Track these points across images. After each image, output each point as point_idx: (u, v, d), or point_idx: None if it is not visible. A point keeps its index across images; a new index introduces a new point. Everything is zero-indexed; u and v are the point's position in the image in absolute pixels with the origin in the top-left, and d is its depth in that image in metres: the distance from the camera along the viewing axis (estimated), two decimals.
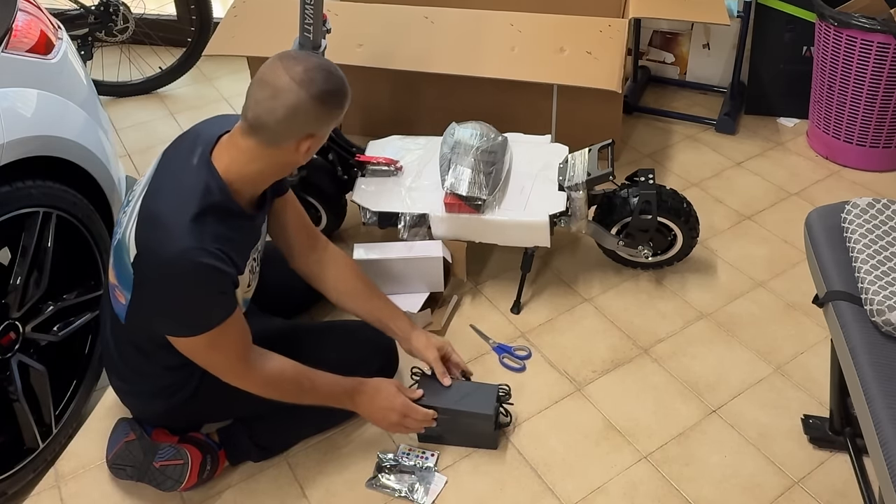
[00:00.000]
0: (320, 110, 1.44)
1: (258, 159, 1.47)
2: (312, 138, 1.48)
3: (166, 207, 1.43)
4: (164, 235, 1.40)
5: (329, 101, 1.45)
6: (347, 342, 1.87)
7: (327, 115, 1.47)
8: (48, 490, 1.81)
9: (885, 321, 1.32)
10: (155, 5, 3.61)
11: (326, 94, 1.43)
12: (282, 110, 1.41)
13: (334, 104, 1.46)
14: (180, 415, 1.73)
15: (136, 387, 1.72)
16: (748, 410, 1.90)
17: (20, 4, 1.85)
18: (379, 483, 1.76)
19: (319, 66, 1.44)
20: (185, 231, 1.38)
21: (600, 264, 2.36)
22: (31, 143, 1.72)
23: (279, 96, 1.41)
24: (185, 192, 1.43)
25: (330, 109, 1.46)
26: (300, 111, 1.42)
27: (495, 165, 2.12)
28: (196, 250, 1.38)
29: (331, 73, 1.45)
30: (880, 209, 1.53)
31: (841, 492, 1.70)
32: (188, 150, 1.50)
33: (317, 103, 1.42)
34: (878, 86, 2.55)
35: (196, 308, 1.46)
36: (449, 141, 2.17)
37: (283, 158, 1.49)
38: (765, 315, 2.17)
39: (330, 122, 1.49)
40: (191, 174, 1.46)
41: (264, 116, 1.42)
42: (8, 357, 1.76)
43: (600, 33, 2.46)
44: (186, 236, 1.38)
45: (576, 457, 1.81)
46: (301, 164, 1.55)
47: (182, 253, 1.38)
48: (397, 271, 2.13)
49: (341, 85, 1.47)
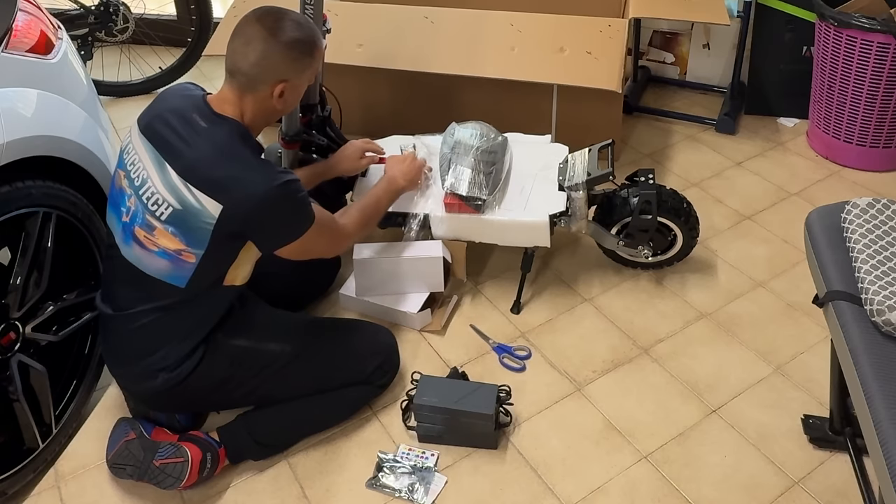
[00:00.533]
0: (288, 56, 1.60)
1: (243, 105, 1.63)
2: (286, 83, 1.62)
3: (227, 165, 1.57)
4: (245, 183, 1.55)
5: (297, 47, 1.61)
6: (348, 340, 1.88)
7: (297, 62, 1.63)
8: (48, 490, 1.81)
9: (885, 321, 1.32)
10: (155, 5, 3.61)
11: (294, 41, 1.60)
12: (253, 55, 1.58)
13: (302, 51, 1.62)
14: (176, 395, 1.72)
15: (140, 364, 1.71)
16: (748, 410, 1.90)
17: (20, 4, 1.85)
18: (379, 483, 1.76)
19: (289, 17, 1.62)
20: (257, 169, 1.58)
21: (600, 264, 2.36)
22: (32, 143, 1.72)
23: (251, 43, 1.58)
24: (226, 146, 1.58)
25: (298, 56, 1.62)
26: (269, 56, 1.59)
27: (495, 165, 2.12)
28: (277, 175, 1.59)
29: (300, 24, 1.63)
30: (880, 209, 1.53)
31: (841, 492, 1.70)
32: (185, 121, 1.61)
33: (285, 49, 1.59)
34: (878, 86, 2.55)
35: (301, 212, 1.65)
36: (449, 141, 2.17)
37: (263, 104, 1.64)
38: (765, 315, 2.17)
39: (301, 70, 1.65)
40: (216, 133, 1.59)
41: (239, 62, 1.59)
42: (8, 357, 1.76)
43: (600, 33, 2.46)
44: (261, 172, 1.58)
45: (576, 457, 1.81)
46: (280, 110, 1.69)
47: (270, 183, 1.56)
48: (397, 271, 2.13)
49: (310, 34, 1.64)
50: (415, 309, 2.12)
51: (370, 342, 1.90)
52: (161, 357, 1.68)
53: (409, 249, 2.13)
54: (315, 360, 1.81)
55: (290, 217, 1.65)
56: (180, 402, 1.79)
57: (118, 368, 1.78)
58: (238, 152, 1.59)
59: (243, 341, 1.76)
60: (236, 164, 1.57)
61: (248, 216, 1.58)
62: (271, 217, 1.61)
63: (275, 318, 1.87)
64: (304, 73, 1.67)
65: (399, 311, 2.14)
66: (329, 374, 1.83)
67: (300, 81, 1.67)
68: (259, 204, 1.57)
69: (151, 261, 1.64)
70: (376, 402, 1.95)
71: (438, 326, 2.15)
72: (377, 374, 1.89)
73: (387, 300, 2.16)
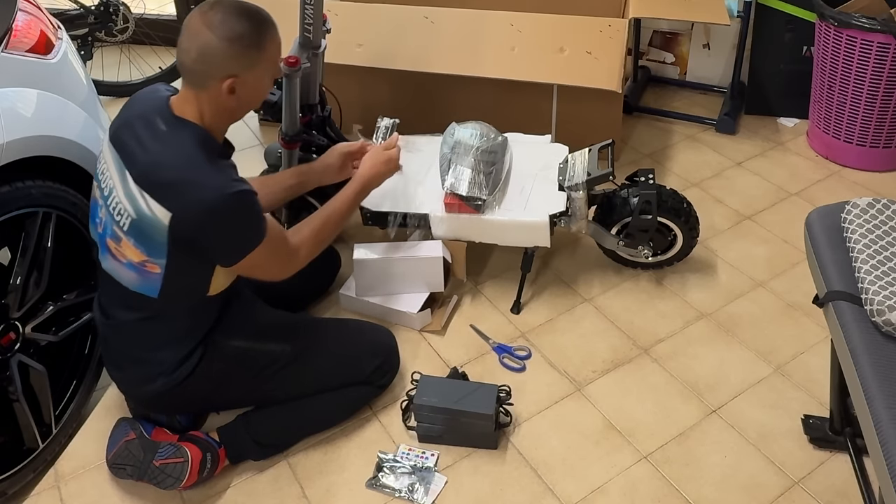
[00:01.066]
0: (230, 50, 1.50)
1: (200, 105, 1.56)
2: (234, 79, 1.52)
3: (178, 169, 1.51)
4: (195, 188, 1.49)
5: (238, 41, 1.50)
6: (348, 340, 1.88)
7: (242, 57, 1.52)
8: (48, 490, 1.81)
9: (885, 321, 1.32)
10: (155, 5, 3.62)
11: (235, 35, 1.50)
12: (195, 52, 1.51)
13: (245, 44, 1.51)
14: (176, 398, 1.73)
15: (138, 368, 1.71)
16: (748, 410, 1.90)
17: (20, 4, 1.85)
18: (379, 483, 1.76)
19: (232, 10, 1.52)
20: (210, 175, 1.51)
21: (600, 264, 2.36)
22: (32, 143, 1.72)
23: (193, 39, 1.51)
24: (183, 150, 1.52)
25: (242, 50, 1.51)
26: (211, 52, 1.50)
27: (495, 165, 2.12)
28: (229, 184, 1.52)
29: (242, 17, 1.52)
30: (880, 209, 1.53)
31: (841, 492, 1.70)
32: (146, 125, 1.56)
33: (225, 43, 1.49)
34: (878, 86, 2.55)
35: (252, 226, 1.58)
36: (449, 141, 2.17)
37: (217, 103, 1.55)
38: (765, 315, 2.17)
39: (250, 65, 1.54)
40: (173, 136, 1.54)
41: (183, 59, 1.53)
42: (8, 357, 1.76)
43: (600, 33, 2.46)
44: (215, 178, 1.51)
45: (576, 457, 1.81)
46: (236, 108, 1.60)
47: (221, 191, 1.49)
48: (397, 271, 2.13)
49: (254, 26, 1.53)
50: (415, 309, 2.12)
51: (370, 342, 1.90)
52: (157, 362, 1.68)
53: (409, 249, 2.13)
54: (315, 360, 1.81)
55: (239, 230, 1.57)
56: (180, 404, 1.79)
57: (116, 373, 1.79)
58: (192, 156, 1.52)
59: (242, 342, 1.75)
60: (188, 169, 1.51)
61: (197, 224, 1.51)
62: (220, 227, 1.53)
63: (274, 319, 1.87)
64: (256, 68, 1.56)
65: (399, 311, 2.14)
66: (329, 375, 1.83)
67: (252, 77, 1.56)
68: (208, 211, 1.50)
69: (123, 272, 1.62)
70: (376, 402, 1.95)
71: (438, 326, 2.15)
72: (377, 375, 1.89)
73: (387, 300, 2.16)
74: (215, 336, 1.72)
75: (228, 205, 1.51)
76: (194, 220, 1.50)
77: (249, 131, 3.08)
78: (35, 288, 1.80)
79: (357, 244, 2.16)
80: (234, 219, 1.55)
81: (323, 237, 1.80)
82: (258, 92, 1.63)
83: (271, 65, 1.60)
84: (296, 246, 1.72)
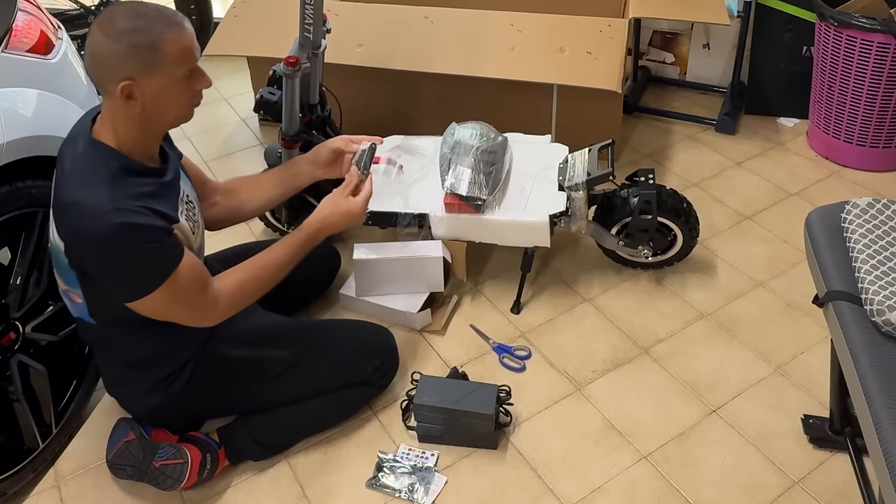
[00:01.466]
0: (119, 51, 1.38)
1: (113, 119, 1.47)
2: (130, 83, 1.40)
3: (74, 192, 1.42)
4: (82, 214, 1.39)
5: (126, 40, 1.38)
6: (347, 340, 1.88)
7: (133, 58, 1.39)
8: (48, 490, 1.81)
9: (885, 321, 1.32)
10: None
11: (122, 35, 1.38)
12: (88, 55, 1.41)
13: (134, 44, 1.39)
14: (177, 410, 1.73)
15: (130, 386, 1.72)
16: (748, 410, 1.90)
17: (20, 4, 1.86)
18: (379, 483, 1.76)
19: (127, 10, 1.41)
20: (99, 202, 1.38)
21: (600, 264, 2.36)
22: (32, 143, 1.72)
23: (87, 45, 1.42)
24: (85, 173, 1.44)
25: (131, 50, 1.39)
26: (101, 53, 1.40)
27: (495, 165, 2.12)
28: (116, 212, 1.38)
29: (133, 16, 1.40)
30: (880, 209, 1.53)
31: (841, 492, 1.70)
32: (73, 145, 1.50)
33: (114, 44, 1.38)
34: (878, 86, 2.55)
35: (140, 265, 1.44)
36: (449, 141, 2.17)
37: (121, 111, 1.44)
38: (765, 315, 2.17)
39: (146, 66, 1.40)
40: (84, 157, 1.46)
41: (84, 63, 1.45)
42: (8, 357, 1.76)
43: (600, 33, 2.46)
44: (103, 206, 1.38)
45: (576, 457, 1.81)
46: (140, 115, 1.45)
47: (105, 221, 1.37)
48: (397, 271, 2.13)
49: (146, 25, 1.40)
50: (415, 309, 2.12)
51: (369, 342, 1.90)
52: (146, 378, 1.68)
53: (409, 249, 2.13)
54: (314, 363, 1.80)
55: (126, 266, 1.43)
56: (181, 416, 1.79)
57: (112, 391, 1.80)
58: (88, 180, 1.41)
59: (239, 350, 1.74)
60: (81, 194, 1.40)
61: (81, 252, 1.43)
62: (104, 260, 1.42)
63: (271, 324, 1.85)
64: (155, 73, 1.41)
65: (399, 311, 2.14)
66: (328, 376, 1.83)
67: (154, 83, 1.42)
68: (87, 240, 1.40)
69: (65, 300, 1.62)
70: (376, 402, 1.95)
71: (438, 326, 2.15)
72: (376, 375, 1.89)
73: (387, 300, 2.16)
74: (210, 345, 1.71)
75: (112, 236, 1.38)
76: (79, 248, 1.43)
77: (249, 131, 3.08)
78: (35, 288, 1.81)
79: (357, 244, 2.16)
80: (120, 253, 1.41)
81: (250, 291, 1.62)
82: (167, 102, 1.46)
83: (175, 70, 1.43)
84: (214, 297, 1.56)
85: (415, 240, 2.16)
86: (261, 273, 1.64)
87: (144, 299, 1.46)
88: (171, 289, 1.46)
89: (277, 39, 2.49)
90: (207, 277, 1.56)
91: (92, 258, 1.44)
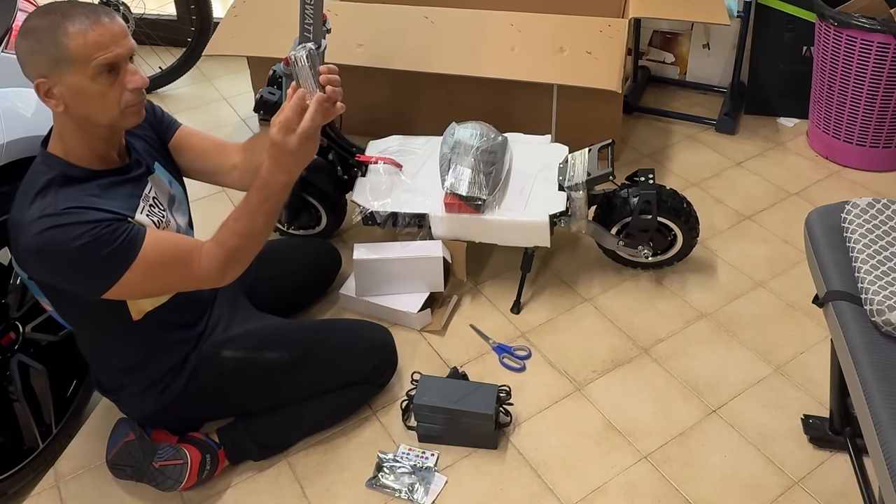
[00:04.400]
0: (26, 47, 1.35)
1: (57, 125, 1.44)
2: (47, 80, 1.35)
3: (12, 210, 1.43)
4: (15, 231, 1.39)
5: (32, 37, 1.34)
6: (345, 340, 1.87)
7: (38, 53, 1.34)
8: (48, 490, 1.81)
9: (885, 321, 1.32)
10: (155, 5, 3.61)
11: (29, 31, 1.35)
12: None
13: (38, 40, 1.33)
14: (176, 412, 1.73)
15: (125, 391, 1.72)
16: (748, 410, 1.90)
17: (20, 4, 1.85)
18: (379, 483, 1.76)
19: (44, 6, 1.37)
20: (34, 213, 1.36)
21: (600, 264, 2.36)
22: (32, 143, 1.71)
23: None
24: (24, 189, 1.43)
25: (36, 47, 1.33)
26: (18, 52, 1.36)
27: (495, 165, 2.12)
28: (46, 218, 1.35)
29: (45, 12, 1.35)
30: (880, 209, 1.53)
31: (841, 492, 1.70)
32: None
33: (23, 41, 1.35)
34: (878, 86, 2.55)
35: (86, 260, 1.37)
36: (449, 141, 2.17)
37: (56, 114, 1.41)
38: (765, 315, 2.17)
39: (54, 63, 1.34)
40: (29, 173, 1.45)
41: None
42: (8, 357, 1.76)
43: (600, 33, 2.46)
44: (31, 216, 1.36)
45: (576, 457, 1.81)
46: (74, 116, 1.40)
47: (31, 230, 1.35)
48: (397, 271, 2.13)
49: (46, 19, 1.34)
50: (415, 309, 2.12)
51: (367, 342, 1.90)
52: (140, 381, 1.68)
53: (409, 249, 2.13)
54: (313, 364, 1.80)
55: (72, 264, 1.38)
56: (180, 419, 1.79)
57: (109, 397, 1.79)
58: (23, 196, 1.40)
59: (237, 353, 1.73)
60: (15, 211, 1.40)
61: (28, 267, 1.42)
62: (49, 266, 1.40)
63: (270, 326, 1.84)
64: (66, 69, 1.33)
65: (399, 311, 2.14)
66: (328, 377, 1.82)
67: (69, 79, 1.34)
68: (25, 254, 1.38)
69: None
70: (376, 402, 1.95)
71: (438, 326, 2.15)
72: (375, 374, 1.89)
73: (387, 300, 2.16)
74: (208, 348, 1.71)
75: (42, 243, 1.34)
76: (23, 263, 1.42)
77: (250, 131, 3.08)
78: None
79: (357, 244, 2.16)
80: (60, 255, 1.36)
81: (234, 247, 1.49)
82: (90, 101, 1.38)
83: (86, 65, 1.34)
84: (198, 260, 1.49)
85: (415, 240, 2.16)
86: (236, 227, 1.48)
87: (115, 287, 1.41)
88: (140, 269, 1.41)
89: (277, 39, 2.49)
90: (183, 245, 1.49)
91: (38, 268, 1.42)
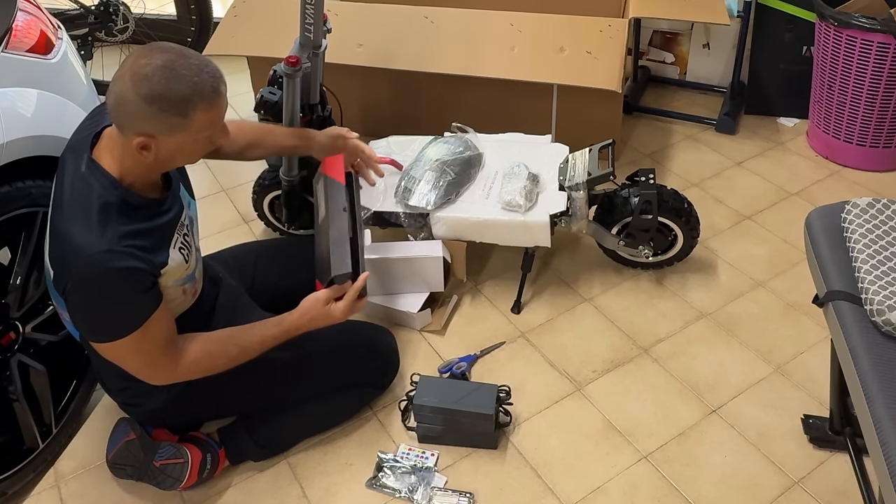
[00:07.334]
0: (147, 111, 1.33)
1: (122, 149, 1.41)
2: (148, 138, 1.36)
3: (68, 221, 1.40)
4: (70, 249, 1.37)
5: (155, 102, 1.32)
6: (348, 341, 1.87)
7: (157, 119, 1.34)
8: (48, 490, 1.81)
9: (885, 321, 1.32)
10: (155, 5, 3.61)
11: (154, 97, 1.32)
12: (112, 96, 1.35)
13: (162, 108, 1.33)
14: (177, 412, 1.73)
15: (130, 391, 1.71)
16: (748, 410, 1.90)
17: (20, 4, 1.85)
18: (379, 483, 1.76)
19: (165, 66, 1.33)
20: (89, 240, 1.36)
21: (600, 264, 2.36)
22: (32, 143, 1.72)
23: (116, 81, 1.35)
24: (81, 202, 1.40)
25: (157, 113, 1.34)
26: (126, 104, 1.34)
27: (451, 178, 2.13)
28: (104, 255, 1.35)
29: (171, 77, 1.33)
30: (880, 209, 1.53)
31: (841, 492, 1.70)
32: (77, 157, 1.46)
33: (143, 103, 1.32)
34: (878, 86, 2.55)
35: (115, 311, 1.42)
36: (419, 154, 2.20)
37: (132, 154, 1.39)
38: (765, 315, 2.17)
39: (169, 128, 1.36)
40: (82, 182, 1.42)
41: (107, 99, 1.38)
42: (8, 357, 1.76)
43: (600, 33, 2.46)
44: (93, 244, 1.35)
45: (576, 457, 1.81)
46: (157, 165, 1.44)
47: (92, 261, 1.35)
48: (397, 271, 2.13)
49: (180, 91, 1.33)
50: (415, 309, 2.12)
51: (370, 343, 1.90)
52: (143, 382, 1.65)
53: (409, 249, 2.13)
54: (315, 364, 1.80)
55: (98, 308, 1.42)
56: (181, 417, 1.79)
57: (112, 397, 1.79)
58: (81, 211, 1.38)
59: None
60: (79, 227, 1.37)
61: (65, 285, 1.40)
62: (86, 300, 1.41)
63: None
64: (176, 134, 1.37)
65: (399, 311, 2.14)
66: (329, 377, 1.83)
67: (174, 141, 1.38)
68: (72, 275, 1.37)
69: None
70: (376, 402, 1.95)
71: (438, 326, 2.15)
72: (377, 375, 1.89)
73: (387, 300, 2.16)
74: None
75: (96, 278, 1.36)
76: (64, 280, 1.40)
77: None
78: (35, 288, 1.80)
79: None
80: (100, 296, 1.39)
81: (214, 364, 1.57)
82: (183, 154, 1.44)
83: (198, 133, 1.40)
84: (174, 358, 1.52)
85: (415, 240, 2.16)
86: (230, 350, 1.58)
87: (112, 345, 1.44)
88: (136, 340, 1.43)
89: (277, 39, 2.48)
90: (174, 337, 1.52)
91: (76, 295, 1.42)
